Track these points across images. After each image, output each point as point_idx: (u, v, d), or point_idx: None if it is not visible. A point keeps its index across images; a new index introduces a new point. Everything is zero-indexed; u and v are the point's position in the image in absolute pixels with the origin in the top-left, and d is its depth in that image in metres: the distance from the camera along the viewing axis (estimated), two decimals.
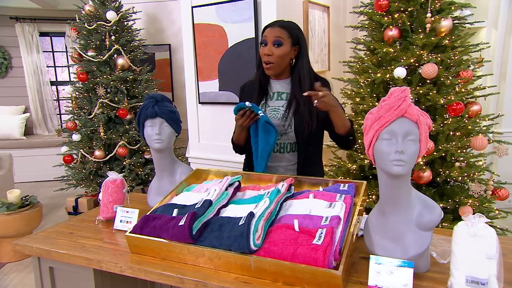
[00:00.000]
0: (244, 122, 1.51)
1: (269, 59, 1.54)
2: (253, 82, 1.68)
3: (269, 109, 1.63)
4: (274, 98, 1.64)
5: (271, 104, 1.64)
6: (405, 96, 0.94)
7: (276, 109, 1.62)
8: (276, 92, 1.65)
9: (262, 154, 1.55)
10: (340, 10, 3.56)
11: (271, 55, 1.53)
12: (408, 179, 1.01)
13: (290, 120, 1.58)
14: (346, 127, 1.51)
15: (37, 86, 5.74)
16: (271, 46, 1.52)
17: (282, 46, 1.52)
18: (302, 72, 1.57)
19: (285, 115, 1.58)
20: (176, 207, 1.26)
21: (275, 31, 1.53)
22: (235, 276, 1.06)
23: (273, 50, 1.52)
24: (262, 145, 1.54)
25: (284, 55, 1.54)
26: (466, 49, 2.31)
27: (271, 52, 1.52)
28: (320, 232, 1.03)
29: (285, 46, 1.53)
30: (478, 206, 2.20)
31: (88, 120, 3.40)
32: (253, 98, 1.63)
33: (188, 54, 3.02)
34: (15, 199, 2.92)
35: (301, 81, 1.57)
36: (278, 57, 1.53)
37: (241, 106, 1.51)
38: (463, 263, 0.88)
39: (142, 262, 1.16)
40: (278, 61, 1.54)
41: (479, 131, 2.27)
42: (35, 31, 5.63)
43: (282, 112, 1.60)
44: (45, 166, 4.89)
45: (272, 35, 1.52)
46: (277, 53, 1.52)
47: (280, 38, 1.52)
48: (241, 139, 1.64)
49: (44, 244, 1.33)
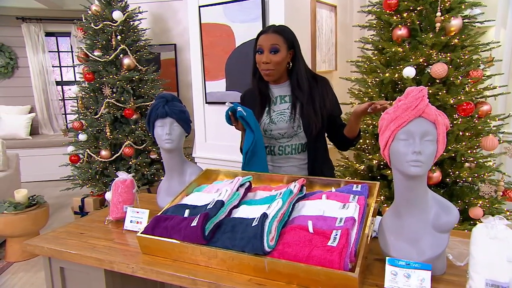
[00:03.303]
0: (235, 126, 1.54)
1: (268, 67, 1.53)
2: (252, 90, 1.68)
3: (275, 114, 1.62)
4: (278, 102, 1.64)
5: (276, 108, 1.63)
6: (422, 96, 0.93)
7: (282, 112, 1.61)
8: (278, 96, 1.64)
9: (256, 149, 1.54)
10: (347, 9, 3.55)
11: (269, 62, 1.52)
12: (424, 180, 0.99)
13: (298, 121, 1.58)
14: (358, 132, 1.60)
15: (42, 86, 5.77)
16: (268, 54, 1.51)
17: (279, 52, 1.52)
18: (300, 75, 1.58)
19: (292, 116, 1.58)
20: (188, 208, 1.25)
21: (270, 38, 1.52)
22: (249, 277, 1.05)
23: (271, 58, 1.51)
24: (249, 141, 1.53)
25: (282, 61, 1.54)
26: (476, 49, 2.29)
27: (269, 60, 1.51)
28: (335, 234, 1.01)
29: (281, 52, 1.52)
30: (489, 207, 2.18)
31: (94, 120, 3.40)
32: (256, 105, 1.63)
33: (195, 53, 3.01)
34: (22, 199, 2.92)
35: (299, 83, 1.57)
36: (276, 63, 1.53)
37: (227, 112, 1.52)
38: (482, 266, 0.87)
39: (154, 263, 1.16)
40: (277, 68, 1.54)
41: (489, 131, 2.24)
42: (41, 31, 5.65)
43: (288, 114, 1.60)
44: (50, 166, 4.91)
45: (268, 43, 1.51)
46: (275, 60, 1.52)
47: (276, 45, 1.51)
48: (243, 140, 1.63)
49: (55, 244, 1.33)
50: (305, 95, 1.57)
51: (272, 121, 1.62)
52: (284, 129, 1.60)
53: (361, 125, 2.50)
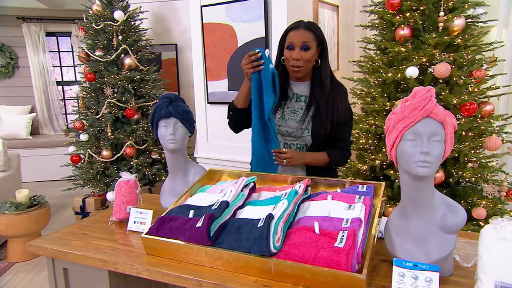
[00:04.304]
0: (246, 67, 1.48)
1: (298, 63, 1.51)
2: None
3: (287, 110, 1.61)
4: (293, 99, 1.63)
5: (290, 105, 1.62)
6: (430, 96, 0.92)
7: (296, 111, 1.60)
8: (295, 93, 1.63)
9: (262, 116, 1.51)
10: (349, 9, 3.54)
11: (299, 59, 1.51)
12: (431, 181, 0.99)
13: (308, 124, 1.57)
14: (324, 163, 1.60)
15: (43, 86, 5.76)
16: (299, 51, 1.50)
17: (310, 50, 1.51)
18: (325, 72, 1.57)
19: (303, 118, 1.57)
20: (192, 208, 1.24)
21: (302, 35, 1.51)
22: (255, 279, 1.04)
23: (302, 55, 1.50)
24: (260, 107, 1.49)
25: (312, 58, 1.53)
26: (479, 48, 2.28)
27: (300, 57, 1.50)
28: (341, 235, 1.01)
29: (312, 50, 1.52)
30: (492, 208, 2.17)
31: (95, 120, 3.39)
32: None
33: (197, 53, 3.00)
34: (23, 199, 2.91)
35: (322, 80, 1.56)
36: (307, 61, 1.52)
37: (252, 50, 1.46)
38: (491, 267, 0.86)
39: (159, 264, 1.15)
40: (306, 65, 1.53)
41: (492, 131, 2.24)
42: (41, 31, 5.64)
43: (300, 114, 1.59)
44: (51, 166, 4.90)
45: (299, 40, 1.50)
46: (306, 57, 1.51)
47: (307, 42, 1.50)
48: (241, 94, 1.57)
49: (59, 245, 1.32)
50: (324, 94, 1.56)
51: (284, 117, 1.60)
52: (292, 128, 1.59)
53: (364, 125, 2.51)
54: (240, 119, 1.62)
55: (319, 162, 1.58)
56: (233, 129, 1.69)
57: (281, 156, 1.52)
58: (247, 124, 1.62)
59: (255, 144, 1.57)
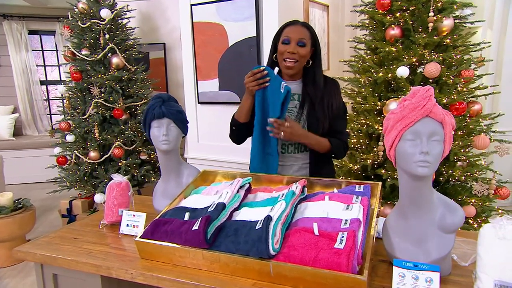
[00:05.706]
0: (250, 84, 1.47)
1: (293, 57, 1.52)
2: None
3: None
4: None
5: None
6: (430, 95, 0.92)
7: (290, 110, 1.59)
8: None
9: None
10: (339, 9, 3.56)
11: (295, 53, 1.51)
12: (430, 181, 0.99)
13: (304, 122, 1.57)
14: (324, 148, 1.55)
15: (26, 86, 5.60)
16: (296, 45, 1.50)
17: (305, 46, 1.52)
18: (318, 72, 1.58)
19: (298, 116, 1.56)
20: (187, 211, 1.22)
21: (299, 31, 1.52)
22: (253, 282, 1.02)
23: (298, 49, 1.51)
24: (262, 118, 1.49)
25: (307, 55, 1.54)
26: (467, 49, 2.32)
27: (296, 51, 1.51)
28: (341, 236, 1.00)
29: (307, 47, 1.53)
30: (481, 206, 2.21)
31: (82, 120, 3.31)
32: None
33: (187, 53, 2.96)
34: (7, 202, 2.82)
35: (315, 80, 1.57)
36: (301, 56, 1.53)
37: (257, 67, 1.48)
38: (491, 267, 0.86)
39: (154, 269, 1.12)
40: (300, 60, 1.54)
41: (480, 130, 2.27)
42: (23, 29, 5.48)
43: (295, 113, 1.58)
44: (35, 168, 4.77)
45: (296, 35, 1.51)
46: (301, 53, 1.51)
47: (304, 39, 1.51)
48: (243, 110, 1.56)
49: (48, 250, 1.28)
50: (318, 94, 1.56)
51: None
52: None
53: (355, 124, 2.52)
54: (243, 133, 1.64)
55: (320, 144, 1.54)
56: (235, 142, 1.69)
57: (279, 127, 1.44)
58: (249, 135, 1.64)
59: (254, 159, 1.59)
